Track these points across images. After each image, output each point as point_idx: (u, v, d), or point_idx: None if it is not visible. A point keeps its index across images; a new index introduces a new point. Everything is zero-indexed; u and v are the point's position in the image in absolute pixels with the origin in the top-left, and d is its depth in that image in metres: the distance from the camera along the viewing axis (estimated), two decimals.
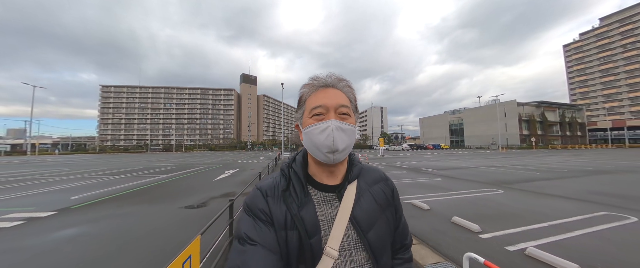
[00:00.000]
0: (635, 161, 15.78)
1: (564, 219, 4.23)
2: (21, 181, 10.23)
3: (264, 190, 0.64)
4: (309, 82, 0.66)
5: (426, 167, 13.91)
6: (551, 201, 5.56)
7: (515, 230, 3.72)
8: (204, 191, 7.57)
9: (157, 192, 7.49)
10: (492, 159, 19.87)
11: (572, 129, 58.97)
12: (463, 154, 28.22)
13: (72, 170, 14.82)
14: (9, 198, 6.66)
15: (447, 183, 8.35)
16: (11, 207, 5.65)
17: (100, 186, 8.59)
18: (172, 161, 22.29)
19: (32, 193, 7.31)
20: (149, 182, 9.47)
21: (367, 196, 0.67)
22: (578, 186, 7.31)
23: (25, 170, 15.38)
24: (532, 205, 5.22)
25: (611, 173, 10.21)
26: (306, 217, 0.59)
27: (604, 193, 6.29)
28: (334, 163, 0.62)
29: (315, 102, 0.62)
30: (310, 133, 0.61)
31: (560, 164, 14.16)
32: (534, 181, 8.36)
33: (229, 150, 73.00)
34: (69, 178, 11.10)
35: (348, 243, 0.60)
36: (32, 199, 6.52)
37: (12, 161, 26.53)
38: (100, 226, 4.33)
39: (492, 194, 6.42)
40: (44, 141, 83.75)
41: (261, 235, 0.57)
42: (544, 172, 10.90)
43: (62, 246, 3.46)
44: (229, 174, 12.15)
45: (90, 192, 7.40)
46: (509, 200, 5.79)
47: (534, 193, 6.45)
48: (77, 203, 5.93)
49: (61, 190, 7.95)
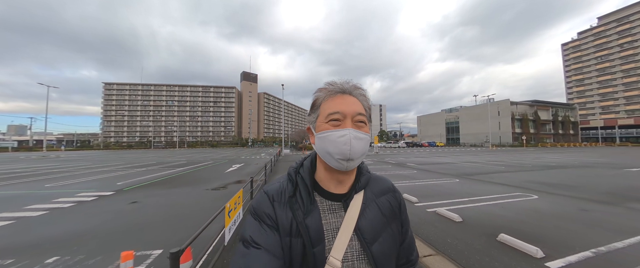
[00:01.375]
0: (607, 158, 17.52)
1: (483, 196, 5.96)
2: (59, 173, 11.98)
3: (271, 194, 0.64)
4: (325, 87, 0.65)
5: (410, 162, 15.66)
6: (488, 187, 7.29)
7: (441, 201, 5.45)
8: (220, 179, 9.32)
9: (182, 180, 9.24)
10: (476, 156, 21.61)
11: (565, 128, 60.66)
12: (453, 152, 29.98)
13: (94, 164, 16.56)
14: (66, 184, 8.41)
15: (419, 174, 10.09)
16: (77, 190, 7.39)
17: (132, 176, 10.33)
18: (179, 157, 24.05)
19: (80, 182, 9.05)
20: (171, 173, 11.22)
21: (373, 207, 0.66)
22: (523, 177, 9.04)
23: (50, 164, 17.14)
24: (471, 189, 6.95)
25: (567, 168, 11.93)
26: (311, 225, 0.59)
27: (537, 182, 8.01)
28: (346, 170, 0.62)
29: (333, 108, 0.61)
30: (325, 138, 0.61)
31: (534, 161, 15.88)
32: (492, 174, 10.09)
33: (231, 147, 74.85)
34: (97, 170, 12.85)
35: (351, 254, 0.60)
36: (86, 185, 8.25)
37: (29, 156, 28.33)
38: (153, 200, 6.06)
39: (449, 182, 8.15)
40: (47, 137, 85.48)
41: (266, 239, 0.57)
42: (509, 167, 12.62)
43: (133, 210, 5.18)
44: (236, 167, 13.89)
45: (128, 180, 9.15)
46: (457, 185, 7.52)
47: (481, 182, 8.18)
48: (125, 187, 7.69)
49: (102, 179, 9.69)
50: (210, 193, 6.83)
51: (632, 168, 11.62)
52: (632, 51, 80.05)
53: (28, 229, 4.06)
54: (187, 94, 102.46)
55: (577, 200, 5.57)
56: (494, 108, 55.73)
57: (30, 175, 11.22)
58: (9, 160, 22.14)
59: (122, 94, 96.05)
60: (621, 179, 8.48)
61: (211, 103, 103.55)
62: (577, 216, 4.43)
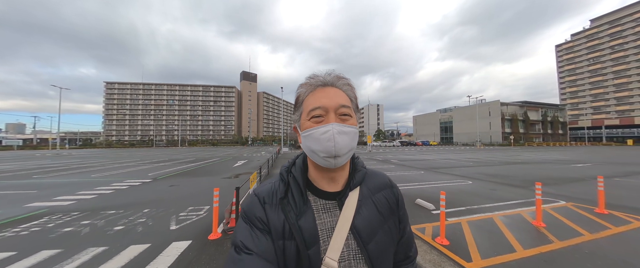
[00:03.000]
0: (573, 156, 19.67)
1: (432, 182, 8.01)
2: (89, 167, 13.94)
3: (262, 196, 0.62)
4: (306, 82, 0.63)
5: (395, 159, 17.74)
6: (442, 176, 9.34)
7: (399, 184, 7.48)
8: (230, 171, 11.33)
9: (199, 172, 11.25)
10: (459, 154, 23.71)
11: (554, 128, 63.08)
12: (441, 150, 32.11)
13: (112, 161, 18.52)
14: (107, 175, 10.38)
15: (396, 168, 12.14)
16: (120, 178, 9.38)
17: (157, 169, 12.30)
18: (186, 155, 26.01)
19: (116, 173, 11.02)
20: (187, 167, 13.20)
21: (369, 204, 0.64)
22: (477, 170, 11.09)
23: (73, 161, 19.08)
24: (427, 178, 8.99)
25: (525, 164, 13.99)
26: (304, 227, 0.57)
27: (484, 174, 10.05)
28: (335, 167, 0.59)
29: (314, 103, 0.59)
30: (309, 137, 0.59)
31: (506, 158, 17.97)
32: (456, 168, 12.15)
33: (231, 146, 76.78)
34: (120, 165, 14.81)
35: (348, 254, 0.58)
36: (123, 176, 10.21)
37: (45, 154, 30.19)
38: (185, 184, 8.06)
39: (415, 174, 10.20)
40: (46, 136, 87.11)
41: (258, 244, 0.56)
42: (477, 163, 14.70)
43: (174, 189, 7.17)
44: (241, 163, 15.90)
45: (156, 172, 11.13)
46: (419, 176, 9.57)
47: (441, 173, 10.23)
48: (158, 177, 9.69)
49: (132, 171, 11.66)
50: (226, 180, 8.85)
51: (578, 164, 13.71)
52: (622, 53, 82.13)
53: (111, 199, 6.05)
54: (188, 93, 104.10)
55: (496, 184, 7.64)
56: (485, 108, 57.99)
57: (67, 169, 13.19)
58: (30, 157, 24.03)
59: (124, 93, 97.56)
60: (552, 172, 10.56)
61: (211, 102, 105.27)
62: (483, 193, 6.47)
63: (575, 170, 10.97)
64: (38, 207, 5.28)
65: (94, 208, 5.21)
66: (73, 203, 5.61)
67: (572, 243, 3.27)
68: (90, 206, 5.33)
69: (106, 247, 3.27)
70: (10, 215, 4.75)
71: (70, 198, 6.08)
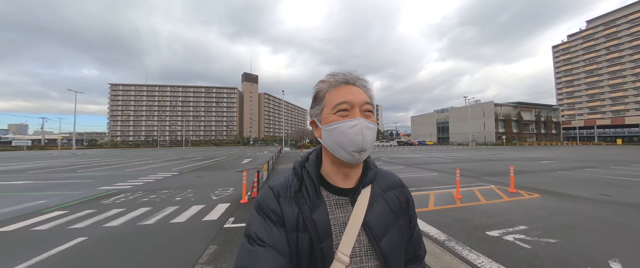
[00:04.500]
0: (551, 154, 21.58)
1: (405, 174, 9.95)
2: (116, 164, 15.96)
3: (276, 189, 0.63)
4: (327, 79, 0.65)
5: (385, 157, 19.71)
6: (417, 170, 11.28)
7: None
8: (240, 167, 13.31)
9: (215, 167, 13.23)
10: (447, 153, 25.64)
11: (547, 128, 64.90)
12: (434, 149, 34.03)
13: (129, 160, 20.53)
14: (138, 170, 12.36)
15: (383, 164, 14.08)
16: (151, 172, 11.35)
17: (177, 165, 14.29)
18: (194, 154, 28.01)
19: (144, 169, 12.99)
20: (202, 164, 15.19)
21: (381, 202, 0.66)
22: (452, 166, 13.00)
23: (95, 159, 21.11)
24: (404, 171, 10.93)
25: (501, 160, 15.92)
26: (318, 220, 0.58)
27: (454, 168, 11.96)
28: (357, 162, 0.61)
29: (340, 98, 0.60)
30: (335, 130, 0.59)
31: (488, 156, 19.89)
32: (436, 164, 14.08)
33: (233, 146, 78.90)
34: (142, 163, 16.81)
35: (359, 250, 0.59)
36: (152, 170, 12.18)
37: (62, 154, 32.28)
38: (208, 176, 10.04)
39: (395, 168, 12.13)
40: (53, 136, 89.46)
41: (271, 236, 0.57)
42: (456, 160, 16.64)
43: (200, 179, 9.12)
44: (247, 161, 17.89)
45: (179, 167, 13.11)
46: (398, 169, 11.50)
47: (419, 168, 12.16)
48: (183, 171, 11.67)
49: (157, 167, 13.63)
50: (239, 174, 10.83)
51: (544, 161, 15.63)
52: (617, 53, 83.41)
53: (159, 185, 8.01)
54: (191, 94, 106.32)
55: (454, 175, 9.56)
56: (480, 109, 59.87)
57: (99, 165, 15.23)
58: (50, 157, 26.10)
59: (128, 95, 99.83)
60: (517, 167, 12.46)
61: (214, 103, 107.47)
62: (440, 180, 8.41)
63: (534, 165, 12.90)
64: (107, 190, 7.26)
65: (151, 189, 7.20)
66: (131, 187, 7.59)
67: (467, 205, 5.22)
68: (147, 188, 7.32)
69: (177, 206, 5.26)
70: (93, 194, 6.73)
71: (126, 184, 8.07)
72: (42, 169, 13.23)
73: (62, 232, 3.82)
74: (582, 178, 8.73)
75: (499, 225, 3.93)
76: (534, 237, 3.44)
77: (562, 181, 8.03)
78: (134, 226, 4.11)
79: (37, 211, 4.98)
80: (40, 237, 3.62)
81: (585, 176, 8.99)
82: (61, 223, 4.23)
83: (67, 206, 5.40)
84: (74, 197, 6.27)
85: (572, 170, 11.01)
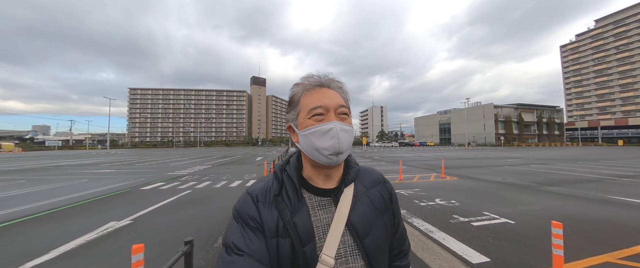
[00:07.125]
0: (544, 155, 24.00)
1: (386, 168, 13.06)
2: (155, 161, 19.71)
3: (255, 194, 0.62)
4: (302, 82, 0.65)
5: (382, 156, 22.73)
6: (397, 166, 14.35)
7: None
8: (256, 163, 16.70)
9: (237, 162, 16.71)
10: (441, 152, 28.28)
11: (550, 129, 65.61)
12: (431, 150, 36.61)
13: (162, 157, 24.35)
14: (177, 164, 15.96)
15: (372, 162, 17.16)
16: (189, 166, 14.91)
17: (205, 162, 17.81)
18: (212, 153, 31.63)
19: (181, 164, 16.57)
20: (224, 161, 18.65)
21: (364, 200, 0.66)
22: (434, 163, 15.95)
23: (132, 158, 25.02)
24: (388, 168, 14.02)
25: (468, 159, 18.70)
26: (300, 223, 0.58)
27: (433, 164, 14.94)
28: (335, 165, 0.61)
29: (314, 102, 0.61)
30: (311, 134, 0.60)
31: (476, 156, 22.56)
32: (419, 161, 17.03)
33: (243, 146, 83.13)
34: (173, 159, 20.50)
35: (344, 250, 0.59)
36: (190, 164, 15.75)
37: (99, 153, 36.81)
38: (234, 168, 13.44)
39: (378, 164, 15.22)
40: (78, 137, 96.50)
41: (249, 245, 0.55)
42: (438, 158, 19.50)
43: (231, 169, 12.50)
44: (260, 159, 21.29)
45: (209, 162, 16.62)
46: (382, 165, 14.59)
47: (404, 165, 15.21)
48: (214, 165, 15.19)
49: (191, 162, 17.19)
50: (257, 167, 14.23)
51: (509, 159, 18.29)
52: (627, 53, 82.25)
53: (205, 172, 11.40)
54: (203, 97, 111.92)
55: (424, 170, 12.60)
56: (480, 111, 61.59)
57: (145, 162, 19.02)
58: (90, 156, 30.36)
59: (145, 98, 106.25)
60: (474, 163, 15.33)
61: (224, 106, 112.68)
62: (406, 170, 11.49)
63: (493, 162, 15.73)
64: (173, 175, 10.73)
65: (202, 174, 10.66)
66: (188, 173, 11.03)
67: (408, 181, 8.36)
68: (199, 174, 10.80)
69: (226, 181, 8.67)
70: (166, 177, 10.22)
71: (182, 172, 11.56)
72: (108, 163, 17.09)
73: (175, 190, 7.26)
74: (515, 170, 11.58)
75: (425, 198, 7.10)
76: (444, 202, 5.52)
77: (491, 171, 10.97)
78: (210, 188, 7.51)
79: (149, 183, 8.49)
80: (167, 191, 7.05)
81: (520, 169, 11.78)
82: (170, 187, 7.68)
83: (161, 181, 8.90)
84: (158, 177, 9.79)
85: (520, 165, 13.77)
